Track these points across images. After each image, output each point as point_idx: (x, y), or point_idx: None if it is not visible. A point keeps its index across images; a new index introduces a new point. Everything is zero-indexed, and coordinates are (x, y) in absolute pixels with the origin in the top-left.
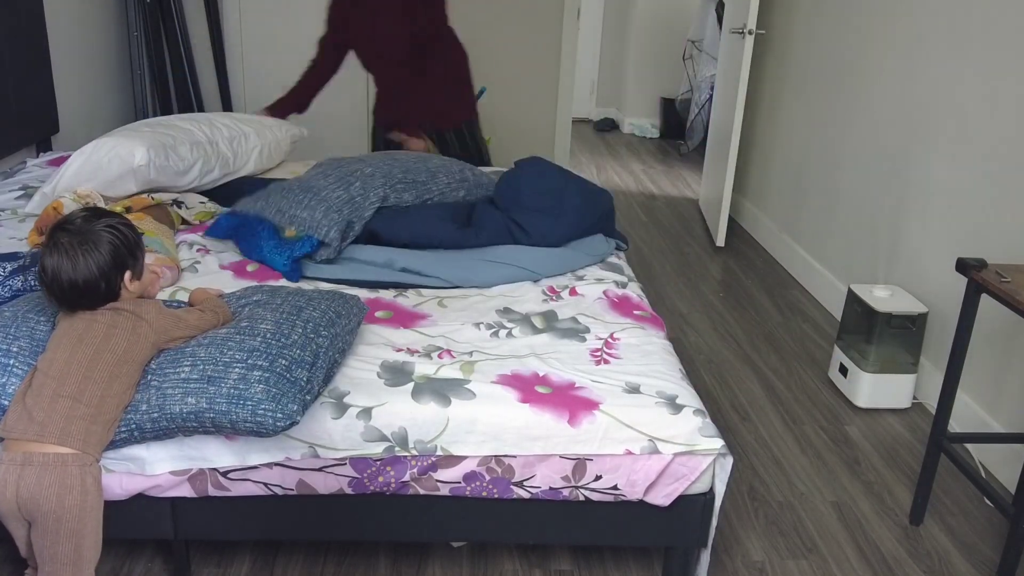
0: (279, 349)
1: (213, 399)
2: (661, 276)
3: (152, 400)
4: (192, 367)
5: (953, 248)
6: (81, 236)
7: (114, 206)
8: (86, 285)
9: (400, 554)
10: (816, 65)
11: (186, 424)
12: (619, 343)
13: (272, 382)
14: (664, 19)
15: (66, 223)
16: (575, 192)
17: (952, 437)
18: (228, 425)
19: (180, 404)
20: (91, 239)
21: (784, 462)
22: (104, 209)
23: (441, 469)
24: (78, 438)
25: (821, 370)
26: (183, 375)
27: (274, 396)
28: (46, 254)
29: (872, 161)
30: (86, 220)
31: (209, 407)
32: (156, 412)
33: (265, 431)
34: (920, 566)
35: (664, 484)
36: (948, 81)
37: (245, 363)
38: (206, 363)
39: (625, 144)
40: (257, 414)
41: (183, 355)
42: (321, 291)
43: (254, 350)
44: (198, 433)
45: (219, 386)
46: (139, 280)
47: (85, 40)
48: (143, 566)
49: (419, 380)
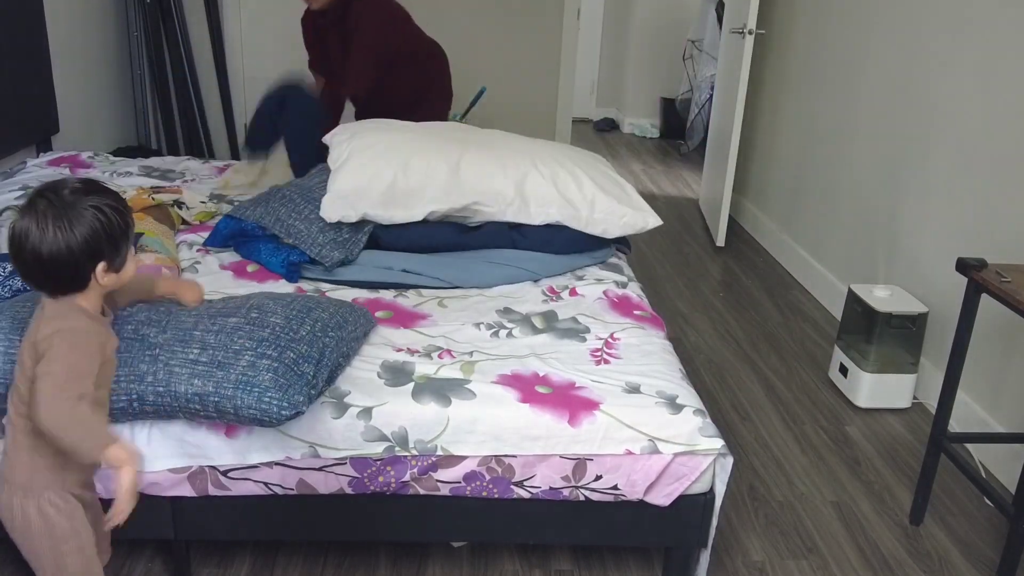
0: (287, 342)
1: (220, 383)
2: (661, 276)
3: (159, 374)
4: (202, 350)
5: (953, 248)
6: (62, 208)
7: None
8: (51, 261)
9: (400, 554)
10: (816, 65)
11: (189, 406)
12: (619, 343)
13: (280, 372)
14: (664, 19)
15: (52, 189)
16: None
17: (952, 437)
18: (231, 411)
19: (186, 384)
20: (71, 214)
21: (784, 462)
22: (104, 187)
23: (441, 469)
24: (12, 467)
25: (821, 370)
26: (192, 356)
27: (281, 386)
28: (19, 216)
29: (872, 161)
30: (74, 192)
31: (215, 391)
32: (161, 387)
33: (268, 419)
34: (920, 566)
35: (664, 484)
36: (948, 81)
37: (255, 351)
38: (216, 349)
39: (625, 144)
40: (263, 402)
41: (192, 338)
42: (332, 299)
43: (263, 340)
44: (199, 418)
45: (227, 371)
46: (116, 274)
47: (85, 40)
48: (143, 566)
49: (419, 380)
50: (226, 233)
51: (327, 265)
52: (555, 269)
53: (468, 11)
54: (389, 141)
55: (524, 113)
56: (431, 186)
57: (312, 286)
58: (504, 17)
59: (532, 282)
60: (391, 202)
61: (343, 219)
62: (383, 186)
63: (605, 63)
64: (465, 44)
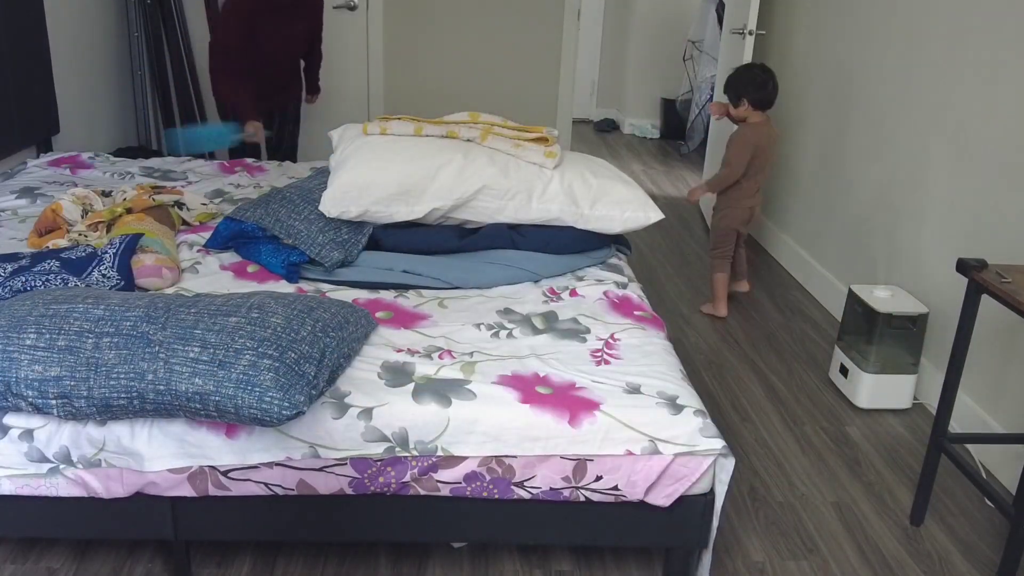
0: (289, 342)
1: (221, 383)
2: (662, 277)
3: (159, 372)
4: (203, 349)
5: (953, 248)
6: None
7: (115, 207)
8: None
9: (401, 555)
10: (816, 66)
11: (189, 404)
12: (619, 344)
13: (282, 372)
14: (664, 19)
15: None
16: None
17: (953, 438)
18: (232, 411)
19: (187, 383)
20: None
21: (785, 463)
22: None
23: (442, 469)
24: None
25: (822, 371)
26: (192, 355)
27: (282, 386)
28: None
29: (872, 161)
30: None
31: (216, 390)
32: (162, 385)
33: (269, 419)
34: (920, 566)
35: (665, 485)
36: (948, 82)
37: (256, 351)
38: (216, 348)
39: (625, 145)
40: (264, 401)
41: (192, 336)
42: (332, 300)
43: (264, 340)
44: (200, 417)
45: (229, 371)
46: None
47: (85, 40)
48: (143, 566)
49: (420, 381)
50: (227, 235)
51: (327, 265)
52: (555, 270)
53: (468, 12)
54: (392, 142)
55: (524, 113)
56: (435, 182)
57: (312, 287)
58: (504, 18)
59: (532, 283)
60: (393, 198)
61: (343, 214)
62: (386, 181)
63: (605, 64)
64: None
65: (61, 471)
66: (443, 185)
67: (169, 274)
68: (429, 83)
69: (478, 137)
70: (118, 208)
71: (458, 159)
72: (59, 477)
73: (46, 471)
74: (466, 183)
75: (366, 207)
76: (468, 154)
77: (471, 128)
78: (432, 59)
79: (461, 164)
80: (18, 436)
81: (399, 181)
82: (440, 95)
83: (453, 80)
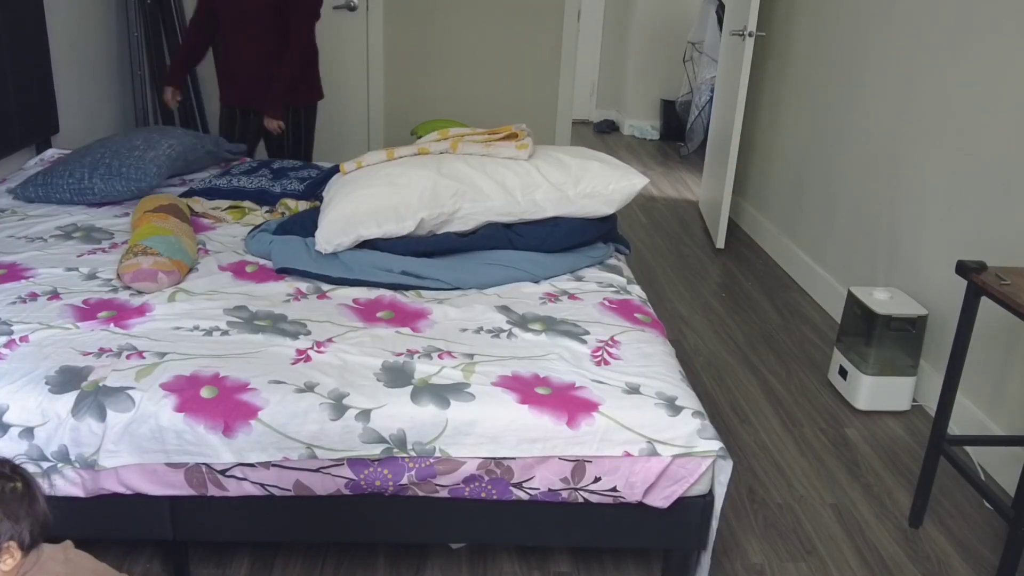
0: None
1: None
2: (661, 278)
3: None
4: None
5: (953, 250)
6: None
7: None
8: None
9: (399, 556)
10: (816, 67)
11: None
12: (619, 345)
13: None
14: (664, 21)
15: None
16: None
17: (952, 440)
18: None
19: None
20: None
21: (783, 464)
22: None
23: (440, 471)
24: None
25: (821, 372)
26: None
27: None
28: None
29: (872, 163)
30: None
31: None
32: None
33: None
34: (919, 569)
35: (663, 486)
36: (947, 83)
37: None
38: None
39: (625, 146)
40: None
41: None
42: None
43: None
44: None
45: None
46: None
47: (85, 40)
48: (143, 566)
49: (419, 383)
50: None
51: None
52: (555, 270)
53: (468, 13)
54: (370, 171)
55: (524, 115)
56: (417, 193)
57: (312, 285)
58: (504, 19)
59: (532, 283)
60: (382, 218)
61: (338, 247)
62: (371, 205)
63: (605, 65)
64: (465, 46)
65: (60, 470)
66: (426, 194)
67: (166, 278)
68: (429, 83)
69: (449, 148)
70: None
71: (434, 167)
72: (58, 476)
73: (45, 470)
74: (448, 187)
75: (358, 233)
76: (444, 162)
77: (440, 142)
78: (432, 60)
79: (439, 172)
80: (18, 435)
81: (381, 202)
82: (440, 95)
83: (453, 81)
